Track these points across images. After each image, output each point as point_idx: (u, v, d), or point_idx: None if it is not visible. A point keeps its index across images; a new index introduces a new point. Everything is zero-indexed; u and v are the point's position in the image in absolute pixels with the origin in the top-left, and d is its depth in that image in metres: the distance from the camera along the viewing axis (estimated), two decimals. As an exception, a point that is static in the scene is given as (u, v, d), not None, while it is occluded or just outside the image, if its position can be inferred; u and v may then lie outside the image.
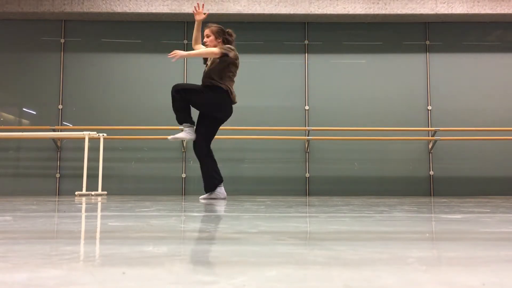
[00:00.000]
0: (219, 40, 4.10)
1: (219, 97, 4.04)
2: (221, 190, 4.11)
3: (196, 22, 4.25)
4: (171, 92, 4.03)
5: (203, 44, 4.19)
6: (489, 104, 6.36)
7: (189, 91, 4.04)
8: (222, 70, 4.01)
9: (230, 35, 4.16)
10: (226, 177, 6.18)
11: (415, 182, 6.24)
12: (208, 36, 4.10)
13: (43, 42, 6.48)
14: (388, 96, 6.39)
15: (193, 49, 4.30)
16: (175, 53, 3.86)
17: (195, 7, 4.24)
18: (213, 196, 4.08)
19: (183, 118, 4.05)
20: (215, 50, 3.95)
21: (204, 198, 4.10)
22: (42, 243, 1.14)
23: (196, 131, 4.10)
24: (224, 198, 4.08)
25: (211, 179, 4.09)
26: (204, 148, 4.10)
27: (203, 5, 4.28)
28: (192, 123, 4.10)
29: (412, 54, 6.49)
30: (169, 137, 4.15)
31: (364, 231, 1.44)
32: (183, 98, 3.99)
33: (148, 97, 6.37)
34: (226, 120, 4.20)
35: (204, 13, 4.23)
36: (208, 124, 4.14)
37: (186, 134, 4.04)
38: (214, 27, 4.13)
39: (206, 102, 4.07)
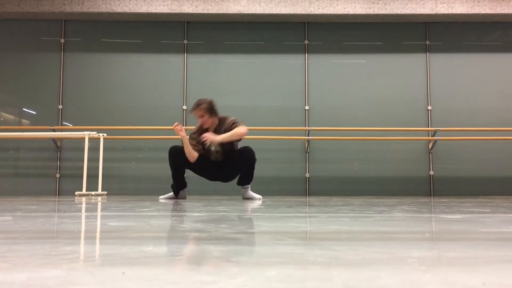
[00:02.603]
0: (214, 116, 4.06)
1: None
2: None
3: (182, 139, 4.02)
4: (253, 160, 4.14)
5: (201, 126, 4.06)
6: (489, 104, 6.36)
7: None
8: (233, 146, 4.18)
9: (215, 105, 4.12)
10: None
11: (415, 182, 6.24)
12: (202, 116, 3.99)
13: (43, 42, 6.48)
14: (388, 96, 6.39)
15: (189, 155, 4.07)
16: (207, 137, 3.86)
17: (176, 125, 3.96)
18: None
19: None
20: (244, 131, 4.00)
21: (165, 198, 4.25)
22: (42, 243, 1.14)
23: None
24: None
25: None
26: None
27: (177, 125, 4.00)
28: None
29: (412, 54, 6.49)
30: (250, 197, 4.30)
31: (364, 231, 1.44)
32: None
33: (148, 97, 6.37)
34: None
35: (203, 124, 4.08)
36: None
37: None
38: (203, 105, 3.99)
39: None
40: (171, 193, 4.30)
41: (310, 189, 6.23)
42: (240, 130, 3.96)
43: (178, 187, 4.25)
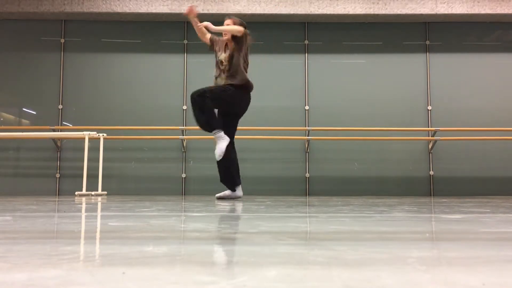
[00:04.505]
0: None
1: (239, 94, 3.99)
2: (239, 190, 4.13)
3: (191, 21, 4.04)
4: (191, 98, 3.86)
5: (223, 36, 4.03)
6: (489, 104, 6.36)
7: (210, 92, 3.88)
8: (239, 63, 3.93)
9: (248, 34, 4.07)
10: (226, 177, 6.16)
11: (415, 182, 6.24)
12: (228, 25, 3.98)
13: (43, 42, 6.47)
14: (388, 96, 6.39)
15: (202, 38, 4.17)
16: (206, 24, 3.79)
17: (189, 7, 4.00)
18: (232, 195, 4.09)
19: (213, 123, 3.88)
20: (240, 28, 3.85)
21: (220, 198, 4.09)
22: (42, 243, 1.14)
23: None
24: (239, 197, 4.11)
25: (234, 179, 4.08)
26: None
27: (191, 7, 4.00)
28: (221, 127, 3.92)
29: (412, 54, 6.49)
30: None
31: (364, 231, 1.44)
32: (205, 102, 3.84)
33: (148, 97, 6.37)
34: (243, 113, 4.18)
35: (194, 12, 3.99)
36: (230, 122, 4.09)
37: (222, 142, 3.84)
38: (237, 19, 4.02)
39: (229, 102, 3.98)
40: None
41: (310, 189, 6.23)
42: (234, 26, 3.88)
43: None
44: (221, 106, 4.06)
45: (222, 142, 3.84)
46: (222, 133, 3.88)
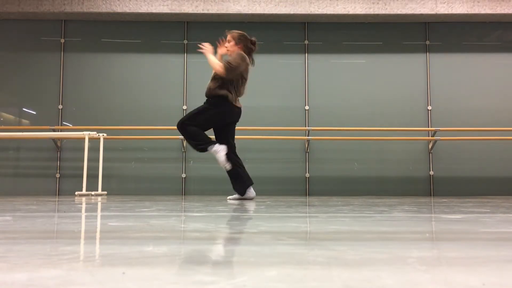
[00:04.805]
0: (239, 46, 4.10)
1: (220, 109, 4.01)
2: (250, 190, 4.14)
3: (218, 54, 4.24)
4: (178, 129, 4.00)
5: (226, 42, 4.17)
6: (489, 104, 6.36)
7: (192, 117, 3.98)
8: (223, 79, 3.98)
9: (253, 44, 4.16)
10: (225, 178, 6.18)
11: (415, 182, 6.24)
12: (229, 41, 4.11)
13: (43, 42, 6.47)
14: (388, 96, 6.39)
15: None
16: (206, 48, 3.92)
17: (220, 40, 4.20)
18: (245, 197, 4.12)
19: (201, 144, 3.98)
20: (221, 69, 3.91)
21: (233, 199, 4.12)
22: (42, 243, 1.14)
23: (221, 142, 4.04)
24: (252, 198, 4.14)
25: (243, 181, 4.10)
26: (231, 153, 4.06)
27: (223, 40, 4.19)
28: (214, 142, 4.01)
29: (412, 54, 6.49)
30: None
31: (364, 231, 1.44)
32: (191, 126, 3.95)
33: (148, 97, 6.37)
34: (237, 120, 4.20)
35: (226, 47, 4.16)
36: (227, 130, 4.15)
37: (219, 154, 3.92)
38: (235, 33, 4.14)
39: (211, 118, 4.02)
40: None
41: (310, 189, 6.23)
42: (218, 65, 3.94)
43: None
44: (213, 123, 4.10)
45: (218, 154, 3.92)
46: (215, 147, 3.94)
